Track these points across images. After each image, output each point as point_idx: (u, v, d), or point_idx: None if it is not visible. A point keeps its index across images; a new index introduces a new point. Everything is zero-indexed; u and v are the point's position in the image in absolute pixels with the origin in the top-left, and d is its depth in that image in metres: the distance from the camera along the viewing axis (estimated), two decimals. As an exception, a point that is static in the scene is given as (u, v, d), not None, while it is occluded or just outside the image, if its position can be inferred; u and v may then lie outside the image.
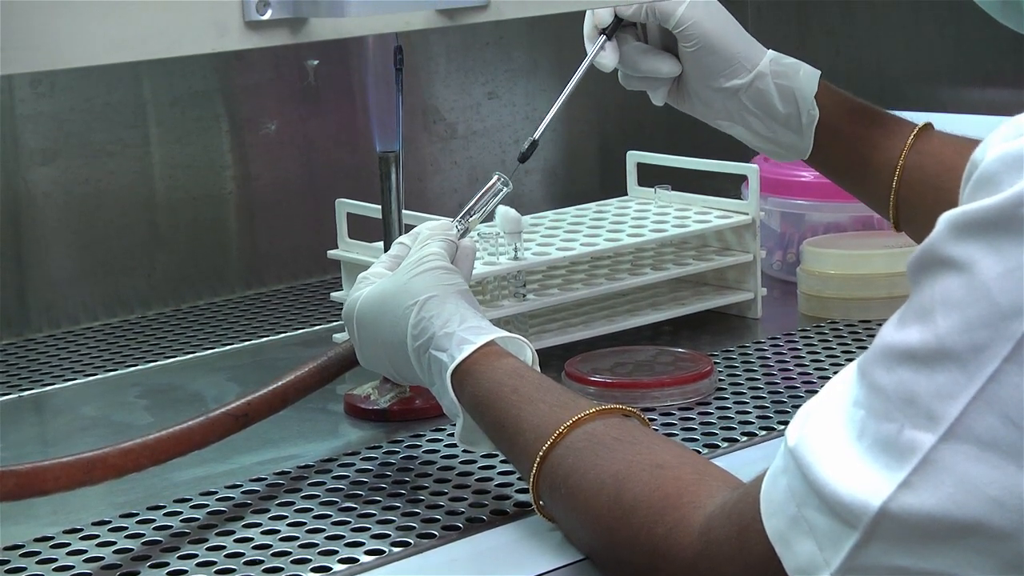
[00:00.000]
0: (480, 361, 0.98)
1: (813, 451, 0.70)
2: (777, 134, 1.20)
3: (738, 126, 1.20)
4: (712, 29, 1.17)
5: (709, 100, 1.20)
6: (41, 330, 1.47)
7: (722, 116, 1.20)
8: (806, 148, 1.19)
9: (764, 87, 1.18)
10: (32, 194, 1.46)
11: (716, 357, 1.28)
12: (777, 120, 1.19)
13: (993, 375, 0.65)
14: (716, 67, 1.18)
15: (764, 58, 1.19)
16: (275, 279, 1.61)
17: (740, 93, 1.18)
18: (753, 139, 1.21)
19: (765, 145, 1.21)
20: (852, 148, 1.18)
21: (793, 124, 1.19)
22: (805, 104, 1.18)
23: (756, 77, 1.18)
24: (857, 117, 1.19)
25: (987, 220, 0.66)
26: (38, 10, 0.73)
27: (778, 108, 1.18)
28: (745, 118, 1.19)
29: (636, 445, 0.88)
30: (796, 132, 1.19)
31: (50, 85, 1.46)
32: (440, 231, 1.08)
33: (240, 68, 1.57)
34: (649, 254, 1.40)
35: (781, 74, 1.18)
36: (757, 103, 1.18)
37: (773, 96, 1.18)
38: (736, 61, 1.18)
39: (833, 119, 1.18)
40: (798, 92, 1.18)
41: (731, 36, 1.18)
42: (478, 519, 1.00)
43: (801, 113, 1.18)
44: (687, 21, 1.17)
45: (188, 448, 1.04)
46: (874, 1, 1.83)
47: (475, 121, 1.74)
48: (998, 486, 0.65)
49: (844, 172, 1.21)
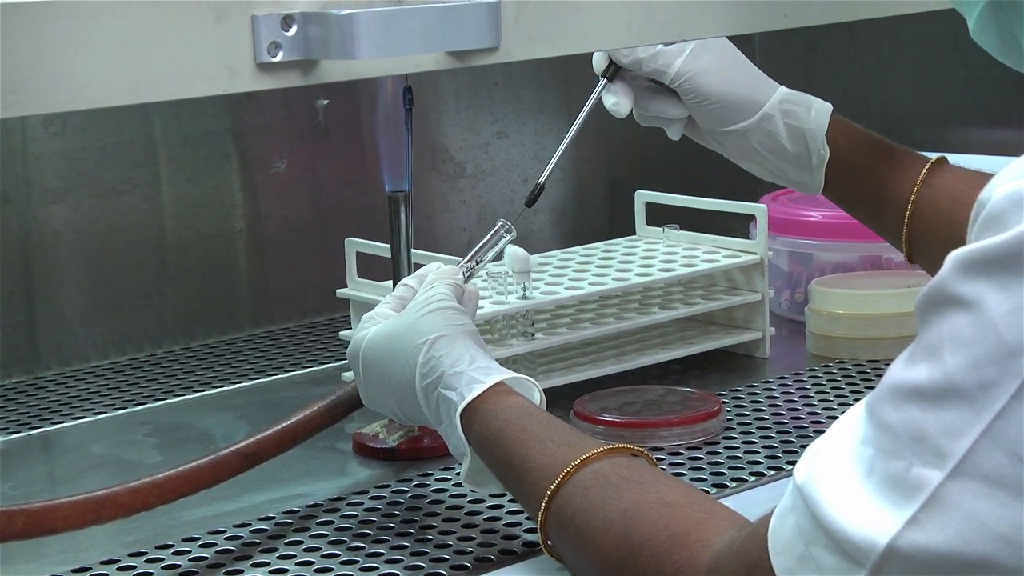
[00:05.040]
0: (489, 400, 0.98)
1: (821, 489, 0.70)
2: (787, 173, 1.20)
3: (749, 162, 1.21)
4: (709, 83, 1.17)
5: (721, 140, 1.20)
6: (51, 368, 1.48)
7: (734, 155, 1.21)
8: (817, 186, 1.20)
9: (772, 128, 1.18)
10: (43, 232, 1.47)
11: (724, 396, 1.28)
12: (787, 160, 1.19)
13: (1001, 412, 0.65)
14: (719, 114, 1.18)
15: (774, 96, 1.19)
16: (284, 317, 1.61)
17: (748, 134, 1.19)
18: (766, 176, 1.22)
19: (779, 182, 1.22)
20: (865, 182, 1.19)
21: (803, 163, 1.19)
22: (815, 143, 1.18)
23: (763, 119, 1.18)
24: (870, 152, 1.19)
25: (994, 258, 0.66)
26: (54, 52, 0.74)
27: (787, 148, 1.19)
28: (756, 157, 1.20)
29: (644, 484, 0.88)
30: (807, 171, 1.19)
31: (62, 124, 1.47)
32: (446, 275, 1.09)
33: (250, 107, 1.58)
34: (657, 293, 1.40)
35: (791, 113, 1.18)
36: (765, 144, 1.19)
37: (782, 137, 1.18)
38: (740, 106, 1.18)
39: (846, 154, 1.19)
40: (808, 132, 1.18)
41: (733, 84, 1.18)
42: (486, 559, 1.00)
43: (811, 153, 1.18)
44: (683, 76, 1.17)
45: (197, 487, 1.04)
46: (881, 42, 1.84)
47: (484, 160, 1.75)
48: (1006, 523, 0.65)
49: (858, 205, 1.21)
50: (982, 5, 0.88)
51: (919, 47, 1.80)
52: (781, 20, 1.04)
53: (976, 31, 0.90)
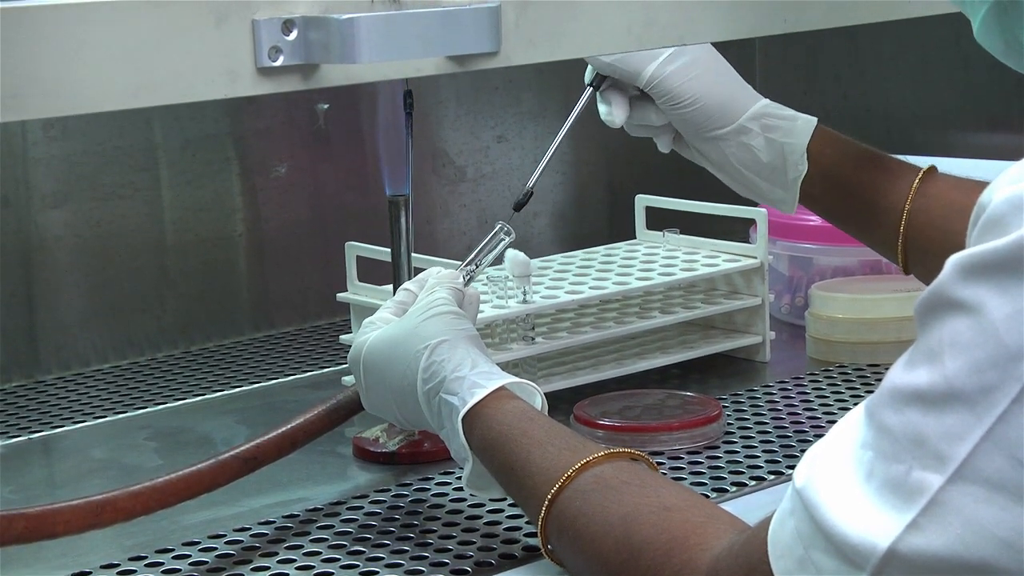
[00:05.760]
0: (490, 404, 0.98)
1: (821, 492, 0.70)
2: (761, 188, 1.18)
3: (725, 176, 1.19)
4: (681, 85, 1.16)
5: (702, 150, 1.19)
6: (51, 372, 1.48)
7: (713, 167, 1.19)
8: (792, 202, 1.18)
9: (748, 140, 1.17)
10: (43, 236, 1.47)
11: (724, 401, 1.28)
12: (761, 175, 1.18)
13: (1002, 416, 0.65)
14: (694, 119, 1.17)
15: (754, 108, 1.17)
16: (284, 321, 1.61)
17: (723, 144, 1.18)
18: (742, 191, 1.20)
19: (754, 198, 1.20)
20: (856, 195, 1.17)
21: (778, 178, 1.17)
22: (793, 157, 1.16)
23: (740, 130, 1.17)
24: (860, 163, 1.17)
25: (995, 262, 0.66)
26: (54, 56, 0.74)
27: (762, 160, 1.17)
28: (729, 170, 1.19)
29: (644, 488, 0.88)
30: (781, 186, 1.17)
31: (62, 129, 1.47)
32: (447, 279, 1.09)
33: (251, 111, 1.58)
34: (658, 298, 1.40)
35: (773, 127, 1.17)
36: (740, 158, 1.17)
37: (759, 150, 1.17)
38: (715, 112, 1.17)
39: (835, 167, 1.17)
40: (787, 147, 1.16)
41: (708, 87, 1.16)
42: (487, 563, 1.00)
43: (788, 167, 1.17)
44: (656, 78, 1.17)
45: (197, 491, 1.04)
46: (881, 46, 1.84)
47: (484, 164, 1.75)
48: (1006, 527, 0.65)
49: (850, 219, 1.20)
50: (987, 7, 0.88)
51: (919, 51, 1.81)
52: (782, 24, 1.04)
53: (980, 33, 0.90)
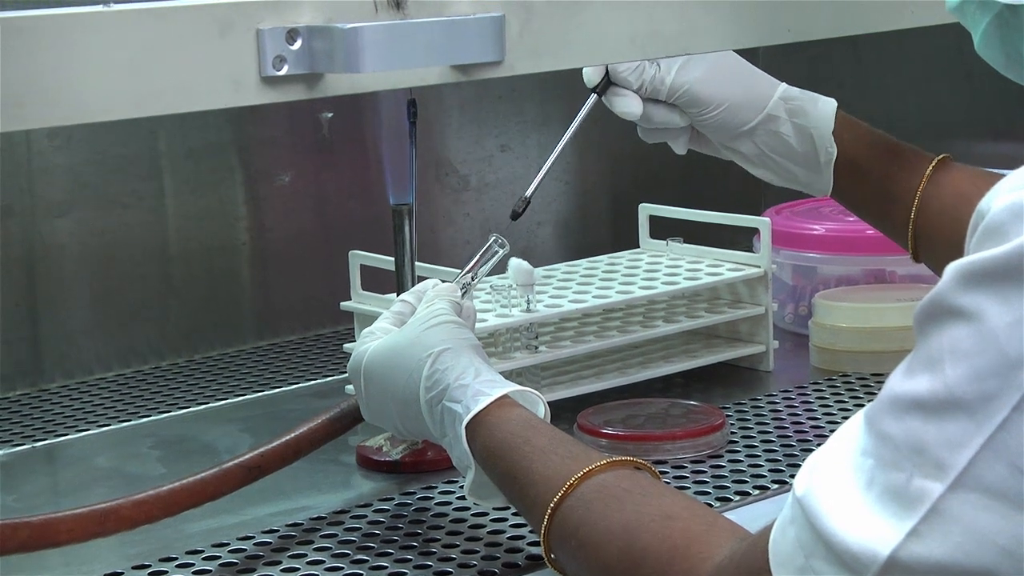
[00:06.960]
0: (493, 412, 0.98)
1: (821, 501, 0.70)
2: (796, 174, 1.20)
3: (760, 168, 1.21)
4: (707, 91, 1.17)
5: (735, 146, 1.20)
6: (55, 380, 1.48)
7: (745, 160, 1.21)
8: (827, 185, 1.20)
9: (778, 129, 1.19)
10: (47, 245, 1.47)
11: (728, 410, 1.28)
12: (795, 161, 1.19)
13: (1002, 424, 0.65)
14: (723, 120, 1.18)
15: (776, 94, 1.19)
16: (288, 330, 1.62)
17: (753, 137, 1.19)
18: (776, 180, 1.22)
19: (789, 185, 1.22)
20: (871, 181, 1.19)
21: (811, 163, 1.19)
22: (822, 141, 1.18)
23: (767, 119, 1.18)
24: (876, 149, 1.19)
25: (994, 270, 0.66)
26: (59, 66, 0.74)
27: (795, 148, 1.19)
28: (764, 160, 1.20)
29: (646, 497, 0.88)
30: (815, 171, 1.19)
31: (66, 138, 1.47)
32: (445, 291, 1.09)
33: (254, 120, 1.58)
34: (661, 306, 1.40)
35: (797, 111, 1.19)
36: (771, 145, 1.19)
37: (789, 136, 1.18)
38: (742, 109, 1.18)
39: (853, 152, 1.19)
40: (815, 131, 1.18)
41: (732, 87, 1.18)
42: (490, 572, 1.00)
43: (819, 151, 1.18)
44: (678, 89, 1.17)
45: (201, 500, 1.04)
46: (884, 56, 1.84)
47: (487, 173, 1.75)
48: (1007, 535, 0.65)
49: (864, 204, 1.21)
50: (987, 21, 0.89)
51: (922, 61, 1.81)
52: (785, 34, 1.05)
53: (981, 46, 0.91)
